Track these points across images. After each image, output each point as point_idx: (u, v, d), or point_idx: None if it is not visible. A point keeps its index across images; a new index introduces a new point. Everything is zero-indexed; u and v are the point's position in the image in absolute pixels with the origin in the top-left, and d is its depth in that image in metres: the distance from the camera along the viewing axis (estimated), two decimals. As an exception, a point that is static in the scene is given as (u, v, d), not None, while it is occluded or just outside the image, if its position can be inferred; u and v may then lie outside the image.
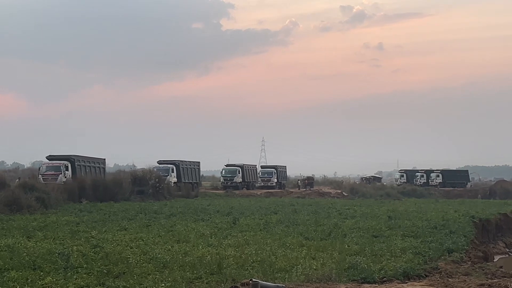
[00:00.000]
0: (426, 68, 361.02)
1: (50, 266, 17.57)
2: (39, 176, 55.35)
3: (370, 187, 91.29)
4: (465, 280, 18.18)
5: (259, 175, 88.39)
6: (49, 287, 14.55)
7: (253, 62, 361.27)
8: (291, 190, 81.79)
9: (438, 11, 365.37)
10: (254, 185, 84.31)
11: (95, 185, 54.49)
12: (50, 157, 60.08)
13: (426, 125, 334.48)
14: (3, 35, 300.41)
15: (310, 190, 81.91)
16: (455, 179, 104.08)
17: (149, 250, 21.44)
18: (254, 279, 14.23)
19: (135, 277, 16.20)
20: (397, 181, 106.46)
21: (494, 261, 30.54)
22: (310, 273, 17.38)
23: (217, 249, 21.87)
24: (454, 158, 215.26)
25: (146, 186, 60.54)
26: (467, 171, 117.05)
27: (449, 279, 18.46)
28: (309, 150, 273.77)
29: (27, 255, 19.44)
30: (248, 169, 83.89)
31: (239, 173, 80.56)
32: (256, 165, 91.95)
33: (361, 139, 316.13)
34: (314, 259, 20.36)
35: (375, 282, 17.38)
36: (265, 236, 26.78)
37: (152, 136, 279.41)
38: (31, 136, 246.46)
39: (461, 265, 22.79)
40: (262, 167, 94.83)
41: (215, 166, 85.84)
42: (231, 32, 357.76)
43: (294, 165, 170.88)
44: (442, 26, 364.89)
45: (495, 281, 18.39)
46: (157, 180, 62.02)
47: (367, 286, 16.38)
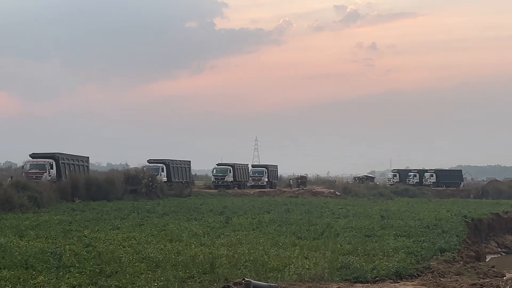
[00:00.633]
0: (419, 68, 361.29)
1: (42, 266, 17.55)
2: (23, 174, 53.94)
3: (363, 186, 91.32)
4: (457, 280, 18.23)
5: (250, 174, 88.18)
6: (41, 286, 14.53)
7: (246, 61, 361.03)
8: (284, 190, 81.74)
9: (432, 11, 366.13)
10: (245, 184, 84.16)
11: (88, 184, 54.40)
12: (34, 155, 58.50)
13: (419, 125, 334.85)
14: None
15: (303, 189, 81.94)
16: (448, 178, 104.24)
17: (141, 249, 21.42)
18: (246, 279, 14.24)
19: (127, 277, 16.20)
20: (390, 180, 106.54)
21: (486, 261, 30.65)
22: (302, 272, 17.40)
23: (209, 249, 21.88)
24: (446, 157, 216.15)
25: (139, 185, 60.46)
26: (460, 171, 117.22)
27: (441, 279, 18.51)
28: (302, 149, 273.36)
29: (19, 254, 19.40)
30: (239, 169, 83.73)
31: (230, 172, 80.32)
32: (248, 165, 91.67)
33: (354, 138, 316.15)
34: (306, 258, 20.39)
35: (367, 282, 17.42)
36: (258, 236, 26.79)
37: (146, 135, 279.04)
38: (24, 135, 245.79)
39: (453, 264, 22.85)
40: (253, 166, 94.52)
41: (208, 165, 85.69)
42: (225, 31, 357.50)
43: (288, 164, 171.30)
44: (436, 26, 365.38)
45: (487, 280, 18.44)
46: (150, 179, 61.97)
47: (359, 285, 16.42)
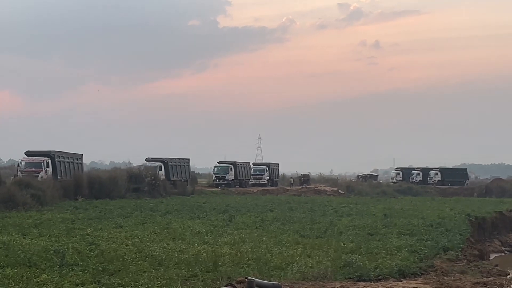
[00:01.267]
0: (422, 66, 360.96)
1: (46, 264, 17.57)
2: (18, 173, 52.43)
3: (366, 185, 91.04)
4: (461, 279, 18.22)
5: (251, 172, 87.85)
6: (44, 284, 14.54)
7: (249, 60, 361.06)
8: (287, 188, 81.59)
9: (434, 9, 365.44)
10: (247, 182, 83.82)
11: (90, 182, 54.42)
12: (29, 153, 56.87)
13: (422, 123, 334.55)
14: (4, 32, 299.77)
15: (306, 187, 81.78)
16: (453, 177, 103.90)
17: (144, 247, 21.43)
18: (249, 277, 14.24)
19: (130, 275, 16.20)
20: (393, 179, 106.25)
21: (490, 259, 30.62)
22: (305, 271, 17.41)
23: (212, 247, 21.88)
24: (450, 156, 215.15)
25: (142, 183, 60.40)
26: (465, 169, 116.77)
27: (445, 277, 18.50)
28: (306, 147, 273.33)
29: (22, 252, 19.40)
30: (241, 167, 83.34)
31: (231, 170, 79.88)
32: (250, 163, 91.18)
33: (357, 136, 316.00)
34: (309, 257, 20.39)
35: (370, 280, 17.42)
36: (261, 234, 26.80)
37: (148, 133, 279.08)
38: (27, 133, 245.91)
39: (457, 263, 22.84)
40: (254, 164, 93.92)
41: (212, 163, 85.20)
42: (228, 29, 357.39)
43: (291, 162, 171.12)
44: (439, 24, 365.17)
45: (490, 279, 18.44)
46: (153, 177, 61.93)
47: (362, 284, 16.41)
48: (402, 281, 17.53)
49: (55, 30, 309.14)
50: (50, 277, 15.49)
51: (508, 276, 20.89)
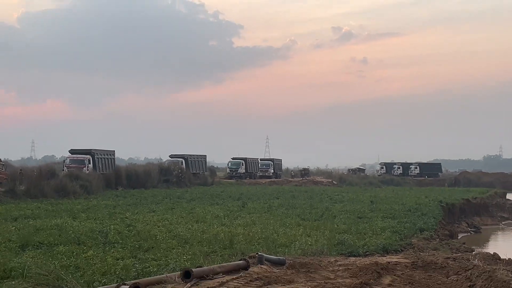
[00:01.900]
0: (403, 78, 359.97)
1: (92, 242, 17.60)
2: (64, 168, 51.14)
3: (356, 177, 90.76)
4: (434, 254, 18.17)
5: (259, 166, 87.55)
6: (91, 259, 14.57)
7: (259, 73, 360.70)
8: (290, 180, 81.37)
9: (413, 31, 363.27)
10: (256, 175, 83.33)
11: (128, 175, 54.61)
12: (73, 151, 56.33)
13: (403, 125, 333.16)
14: (53, 50, 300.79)
15: (306, 179, 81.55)
16: (430, 170, 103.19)
17: (173, 228, 21.42)
18: (259, 253, 14.25)
19: (161, 251, 16.22)
20: (378, 172, 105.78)
21: (458, 238, 30.51)
22: (306, 248, 17.38)
23: (229, 228, 21.85)
24: (425, 152, 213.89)
25: (171, 176, 60.48)
26: (440, 164, 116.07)
27: (421, 253, 18.44)
28: (306, 145, 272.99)
29: (72, 232, 19.48)
30: (250, 162, 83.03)
31: (242, 165, 79.52)
32: (258, 158, 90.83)
33: (349, 136, 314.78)
34: (309, 236, 20.34)
35: (359, 255, 17.37)
36: (268, 217, 26.76)
37: (176, 134, 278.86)
38: (75, 134, 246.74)
39: (431, 241, 22.78)
40: (261, 159, 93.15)
41: (228, 159, 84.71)
42: (241, 48, 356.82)
43: (293, 158, 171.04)
44: (416, 44, 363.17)
45: (459, 254, 18.38)
46: (179, 170, 61.97)
47: (353, 259, 16.37)
48: (386, 256, 17.48)
49: (97, 48, 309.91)
50: (95, 253, 15.53)
51: (473, 252, 20.81)
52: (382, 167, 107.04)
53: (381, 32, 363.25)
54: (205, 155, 76.82)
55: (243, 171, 79.28)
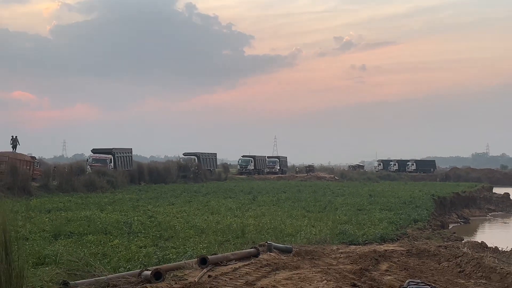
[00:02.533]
0: (398, 83, 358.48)
1: (117, 232, 17.65)
2: (88, 166, 49.70)
3: (356, 172, 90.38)
4: (427, 243, 18.11)
5: (266, 163, 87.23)
6: (116, 247, 14.61)
7: (268, 79, 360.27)
8: (296, 175, 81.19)
9: (407, 40, 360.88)
10: (263, 171, 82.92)
11: (150, 171, 54.76)
12: (95, 150, 54.57)
13: (398, 125, 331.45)
14: (81, 59, 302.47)
15: (310, 175, 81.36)
16: (425, 166, 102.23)
17: (190, 219, 21.47)
18: (269, 241, 14.25)
19: (180, 240, 16.23)
20: (376, 168, 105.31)
21: (449, 228, 30.37)
22: (310, 237, 17.37)
23: (241, 219, 21.86)
24: (419, 150, 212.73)
25: (188, 172, 60.54)
26: (434, 160, 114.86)
27: (415, 242, 18.38)
28: (310, 144, 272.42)
29: (100, 223, 19.53)
30: (259, 159, 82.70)
31: (251, 162, 79.19)
32: (265, 156, 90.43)
33: (349, 136, 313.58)
34: (313, 226, 20.32)
35: (359, 244, 17.32)
36: (276, 210, 26.76)
37: (193, 134, 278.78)
38: (102, 135, 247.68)
39: (424, 231, 22.71)
40: (268, 157, 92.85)
41: (239, 157, 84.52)
42: (252, 56, 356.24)
43: (299, 156, 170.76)
44: (411, 52, 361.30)
45: (450, 243, 18.32)
46: (196, 167, 62.03)
47: (353, 247, 16.33)
48: (383, 244, 17.43)
49: (121, 57, 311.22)
50: (121, 241, 15.55)
51: (463, 241, 20.71)
52: (380, 164, 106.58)
53: (378, 42, 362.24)
54: (216, 153, 76.77)
55: (252, 167, 79.13)
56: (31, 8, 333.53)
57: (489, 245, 17.85)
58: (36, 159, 46.26)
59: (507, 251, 17.33)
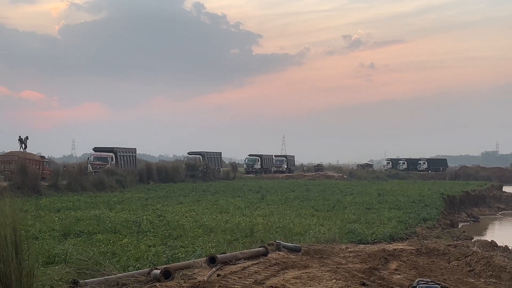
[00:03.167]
0: (407, 81, 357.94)
1: (127, 230, 17.72)
2: (89, 164, 48.84)
3: (364, 171, 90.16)
4: (437, 241, 18.03)
5: (273, 162, 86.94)
6: (126, 246, 14.66)
7: (276, 78, 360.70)
8: (304, 174, 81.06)
9: (415, 39, 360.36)
10: (270, 170, 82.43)
11: (159, 170, 54.86)
12: (96, 149, 53.92)
13: (407, 124, 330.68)
14: (90, 58, 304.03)
15: (319, 174, 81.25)
16: (436, 165, 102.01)
17: (199, 219, 21.50)
18: (277, 240, 14.25)
19: (189, 239, 16.27)
20: (385, 167, 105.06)
21: (459, 227, 30.23)
22: (319, 236, 17.34)
23: (249, 218, 21.88)
24: (428, 149, 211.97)
25: (197, 171, 60.63)
26: (445, 159, 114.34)
27: (424, 241, 18.32)
28: (318, 143, 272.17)
29: (109, 222, 19.62)
30: (265, 158, 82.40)
31: (258, 161, 78.87)
32: (273, 155, 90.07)
33: (357, 135, 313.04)
34: (322, 225, 20.30)
35: (368, 243, 17.29)
36: (285, 208, 26.75)
37: (202, 133, 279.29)
38: (111, 134, 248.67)
39: (433, 230, 22.61)
40: (275, 156, 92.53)
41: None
42: (260, 55, 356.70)
43: (307, 154, 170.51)
44: (419, 50, 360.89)
45: (459, 242, 18.23)
46: (205, 166, 62.08)
47: (362, 246, 16.30)
48: (392, 243, 17.38)
49: (129, 56, 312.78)
50: (130, 240, 15.61)
51: (472, 240, 20.61)
52: (389, 163, 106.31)
53: (387, 40, 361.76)
54: (220, 152, 76.68)
55: (259, 166, 78.94)
56: (40, 8, 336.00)
57: (499, 244, 17.73)
58: (45, 158, 46.53)
59: (517, 250, 17.22)
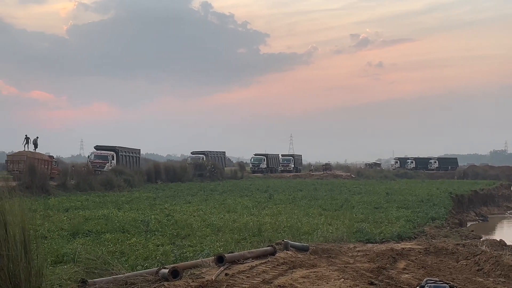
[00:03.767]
0: (415, 80, 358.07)
1: (135, 230, 17.77)
2: (88, 163, 47.67)
3: (372, 171, 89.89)
4: (445, 241, 17.96)
5: (280, 161, 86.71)
6: (134, 245, 14.70)
7: (283, 77, 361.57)
8: (312, 173, 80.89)
9: (423, 37, 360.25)
10: (276, 170, 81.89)
11: (167, 170, 54.91)
12: (98, 147, 52.50)
13: (415, 123, 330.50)
14: (98, 58, 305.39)
15: (327, 173, 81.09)
16: (447, 164, 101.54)
17: (207, 218, 21.54)
18: (285, 240, 14.24)
19: (197, 238, 16.30)
20: (393, 166, 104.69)
21: (467, 226, 30.11)
22: (327, 235, 17.33)
23: (257, 218, 21.89)
24: (437, 148, 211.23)
25: (205, 170, 60.65)
26: (456, 158, 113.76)
27: (433, 240, 18.25)
28: (326, 142, 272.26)
29: (117, 221, 19.68)
30: (271, 158, 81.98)
31: (264, 160, 78.41)
32: (279, 154, 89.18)
33: (365, 134, 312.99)
34: (330, 225, 20.29)
35: (376, 242, 17.26)
36: (293, 208, 26.74)
37: (209, 133, 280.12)
38: (119, 134, 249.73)
39: (442, 229, 22.52)
40: (282, 155, 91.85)
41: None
42: (267, 55, 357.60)
43: (315, 153, 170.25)
44: (427, 48, 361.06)
45: (468, 241, 18.14)
46: (212, 166, 62.09)
47: (370, 245, 16.27)
48: (400, 243, 17.34)
49: (137, 56, 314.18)
50: (138, 240, 15.66)
51: (481, 239, 20.53)
52: (397, 162, 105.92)
53: (394, 38, 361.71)
54: (224, 151, 76.43)
55: (265, 166, 78.60)
56: (48, 8, 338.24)
57: (508, 243, 17.67)
58: (54, 158, 46.67)
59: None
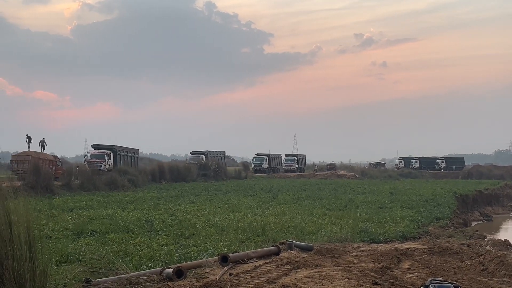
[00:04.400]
0: (419, 80, 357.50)
1: (139, 230, 17.78)
2: (85, 162, 47.06)
3: (376, 170, 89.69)
4: (449, 240, 17.94)
5: (283, 161, 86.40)
6: (138, 245, 14.72)
7: (287, 77, 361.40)
8: (316, 173, 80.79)
9: (427, 37, 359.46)
10: (279, 170, 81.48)
11: (171, 170, 54.96)
12: (95, 146, 51.77)
13: (419, 122, 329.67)
14: (102, 58, 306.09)
15: (331, 173, 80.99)
16: (454, 164, 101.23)
17: (211, 218, 21.54)
18: (289, 240, 14.25)
19: (201, 238, 16.30)
20: (397, 166, 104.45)
21: (472, 226, 30.03)
22: (331, 235, 17.31)
23: (261, 217, 21.87)
24: (441, 147, 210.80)
25: (209, 170, 60.67)
26: (463, 158, 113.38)
27: (437, 240, 18.23)
28: (330, 142, 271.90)
29: (122, 221, 19.71)
30: (273, 158, 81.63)
31: (266, 160, 78.18)
32: (281, 154, 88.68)
33: (369, 133, 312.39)
34: (334, 224, 20.26)
35: (380, 242, 17.24)
36: (297, 208, 26.72)
37: (213, 133, 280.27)
38: (123, 134, 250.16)
39: (446, 229, 22.49)
40: (286, 155, 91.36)
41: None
42: (271, 54, 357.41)
43: (318, 153, 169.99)
44: (431, 48, 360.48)
45: (472, 241, 18.12)
46: (216, 166, 62.10)
47: (374, 245, 16.26)
48: (404, 242, 17.32)
49: (140, 56, 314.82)
50: (142, 239, 15.67)
51: (485, 239, 20.49)
52: (401, 162, 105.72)
53: (399, 38, 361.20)
54: (224, 151, 76.23)
55: (267, 166, 78.36)
56: (52, 8, 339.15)
57: (512, 243, 17.63)
58: (58, 158, 46.77)
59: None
